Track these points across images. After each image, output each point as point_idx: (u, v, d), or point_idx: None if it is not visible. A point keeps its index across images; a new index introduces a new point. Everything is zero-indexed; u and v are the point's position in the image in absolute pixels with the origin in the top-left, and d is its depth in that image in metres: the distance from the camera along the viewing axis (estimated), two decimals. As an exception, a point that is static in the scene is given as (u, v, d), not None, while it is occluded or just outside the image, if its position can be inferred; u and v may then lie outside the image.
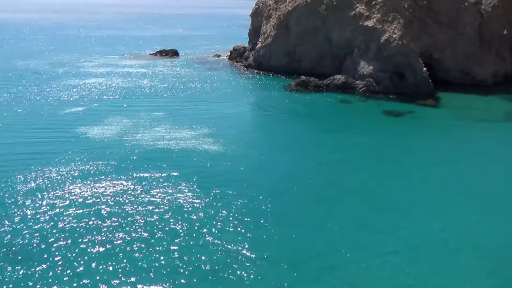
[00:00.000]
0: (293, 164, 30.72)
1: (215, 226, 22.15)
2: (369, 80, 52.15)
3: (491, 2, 58.37)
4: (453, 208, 24.66)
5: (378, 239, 21.33)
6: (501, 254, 20.33)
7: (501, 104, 48.19)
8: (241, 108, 46.87)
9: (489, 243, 21.15)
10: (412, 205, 24.93)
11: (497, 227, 22.79)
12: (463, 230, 22.38)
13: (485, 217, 23.76)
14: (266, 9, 70.17)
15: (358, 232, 21.89)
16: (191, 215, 23.19)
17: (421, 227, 22.55)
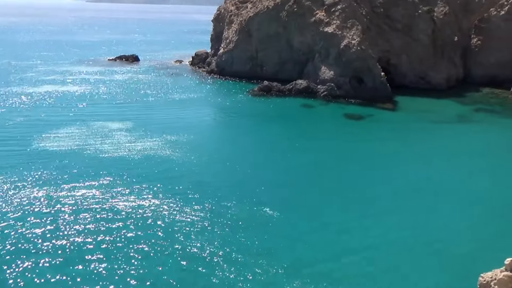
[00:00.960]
0: (258, 169, 30.67)
1: (179, 232, 21.66)
2: (330, 85, 53.19)
3: (443, 10, 61.30)
4: (412, 206, 25.44)
5: (341, 238, 21.64)
6: (453, 250, 21.14)
7: (455, 107, 50.50)
8: (204, 114, 46.46)
9: (443, 240, 21.94)
10: (374, 205, 25.49)
11: (451, 223, 23.69)
12: (420, 227, 23.11)
13: (441, 215, 24.64)
14: (228, 15, 70.21)
15: (322, 231, 22.11)
16: (155, 221, 22.58)
17: (382, 225, 23.09)
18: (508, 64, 58.25)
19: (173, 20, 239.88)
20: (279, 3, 60.97)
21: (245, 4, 68.59)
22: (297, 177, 29.53)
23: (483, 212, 25.09)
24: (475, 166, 32.84)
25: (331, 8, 56.75)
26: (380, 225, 23.22)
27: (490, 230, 23.08)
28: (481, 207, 25.71)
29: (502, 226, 23.48)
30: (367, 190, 27.64)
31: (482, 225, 23.54)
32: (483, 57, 61.74)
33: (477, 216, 24.62)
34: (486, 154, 35.68)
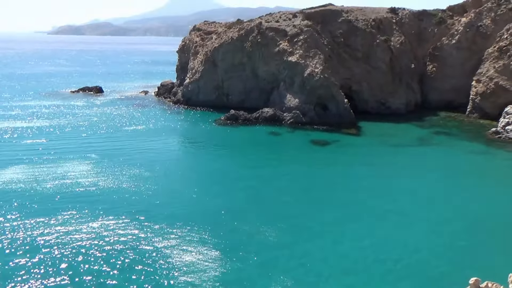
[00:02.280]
0: (225, 197, 30.35)
1: (143, 263, 20.87)
2: (296, 112, 54.15)
3: (399, 39, 64.54)
4: (378, 229, 25.75)
5: (308, 263, 21.49)
6: (419, 270, 21.43)
7: (414, 130, 52.44)
8: (171, 144, 45.90)
9: (409, 261, 22.24)
10: (341, 229, 25.62)
11: (416, 244, 24.10)
12: (388, 249, 23.35)
13: (407, 236, 25.04)
14: (193, 46, 70.95)
15: (289, 258, 21.90)
16: (117, 252, 21.68)
17: (349, 248, 23.17)
18: (462, 89, 61.52)
19: (137, 51, 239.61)
20: (243, 34, 62.33)
21: (210, 35, 69.69)
22: (265, 205, 29.36)
23: (448, 232, 25.70)
24: (437, 188, 33.89)
25: (294, 38, 58.55)
26: (348, 249, 23.28)
27: (455, 250, 23.59)
28: (446, 227, 26.35)
29: (466, 245, 24.08)
30: (335, 213, 27.82)
31: (448, 246, 24.05)
32: (438, 83, 64.99)
33: (442, 236, 25.17)
34: (447, 175, 36.96)
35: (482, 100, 57.13)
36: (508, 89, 54.37)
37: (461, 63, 62.89)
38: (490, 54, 57.74)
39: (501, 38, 57.16)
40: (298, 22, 61.32)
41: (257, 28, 61.55)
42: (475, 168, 39.13)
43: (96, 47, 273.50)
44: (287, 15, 65.79)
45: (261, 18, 66.99)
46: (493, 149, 44.32)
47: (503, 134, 47.83)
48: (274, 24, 62.26)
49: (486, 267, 20.77)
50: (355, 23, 63.68)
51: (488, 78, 56.60)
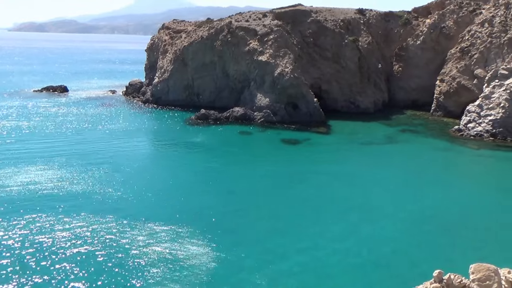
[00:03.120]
0: (198, 196, 30.11)
1: (117, 265, 20.41)
2: (266, 111, 54.36)
3: (366, 39, 65.90)
4: (345, 222, 26.22)
5: (279, 260, 21.64)
6: (386, 264, 22.01)
7: (382, 129, 53.73)
8: (140, 145, 45.10)
9: (377, 255, 22.79)
10: (312, 224, 25.93)
11: (384, 238, 24.71)
12: (354, 243, 23.83)
13: (374, 230, 25.62)
14: (162, 44, 69.95)
15: (264, 256, 21.97)
16: (87, 255, 21.11)
17: (318, 242, 23.49)
18: (426, 88, 63.49)
19: (103, 49, 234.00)
20: (213, 33, 61.99)
21: (179, 34, 68.90)
22: (237, 203, 29.32)
23: (413, 226, 26.46)
24: (404, 183, 34.84)
25: (264, 38, 58.72)
26: (317, 243, 23.58)
27: (420, 243, 24.31)
28: (411, 221, 27.12)
29: (430, 239, 24.87)
30: (306, 210, 28.11)
31: (413, 239, 24.76)
32: (404, 82, 66.82)
33: (407, 230, 25.89)
34: (413, 171, 38.05)
35: (446, 99, 59.20)
36: (469, 89, 56.55)
37: (425, 63, 64.89)
38: (452, 55, 59.87)
39: (462, 39, 59.36)
40: (268, 22, 61.56)
41: (227, 27, 61.37)
42: (440, 164, 40.50)
43: (60, 45, 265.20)
44: (257, 14, 65.93)
45: (231, 17, 66.83)
46: (456, 146, 45.99)
47: (465, 132, 49.72)
48: (244, 23, 62.25)
49: (449, 259, 21.54)
50: (324, 24, 64.55)
51: (451, 77, 58.68)
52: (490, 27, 56.08)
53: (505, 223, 27.09)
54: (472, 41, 57.94)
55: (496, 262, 8.97)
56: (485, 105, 49.71)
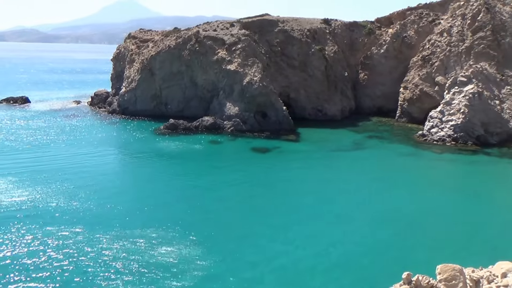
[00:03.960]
0: (166, 207, 29.60)
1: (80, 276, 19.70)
2: (236, 120, 54.39)
3: (332, 48, 67.38)
4: (316, 228, 26.48)
5: (250, 268, 21.55)
6: (358, 267, 22.35)
7: (349, 135, 54.85)
8: (107, 156, 43.96)
9: (349, 258, 23.12)
10: (283, 231, 26.01)
11: (354, 242, 25.10)
12: (321, 245, 24.09)
13: (341, 233, 25.99)
14: (128, 54, 68.93)
15: (234, 264, 21.81)
16: (56, 269, 20.27)
17: (289, 249, 23.58)
18: (391, 95, 65.43)
19: (67, 59, 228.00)
20: (180, 43, 61.68)
21: (146, 43, 68.14)
22: (208, 214, 29.01)
23: (382, 230, 27.01)
24: (371, 188, 35.55)
25: (232, 47, 58.95)
26: (288, 249, 23.65)
27: (389, 247, 24.82)
28: (379, 225, 27.69)
29: (399, 242, 25.45)
30: (275, 218, 28.17)
31: (382, 243, 25.25)
32: (370, 90, 68.63)
33: (376, 234, 26.39)
34: (380, 176, 38.96)
35: (409, 106, 61.20)
36: (431, 95, 58.74)
37: (389, 71, 66.94)
38: (414, 63, 62.10)
39: (423, 48, 61.73)
40: (235, 31, 61.89)
41: (195, 36, 61.24)
42: (405, 168, 41.68)
43: (21, 54, 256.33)
44: (225, 24, 66.18)
45: (198, 26, 66.77)
46: (420, 151, 47.51)
47: (428, 137, 51.48)
48: (212, 33, 62.32)
49: (417, 261, 22.07)
50: (291, 33, 65.52)
51: (413, 85, 60.78)
52: (449, 37, 58.64)
53: (467, 223, 28.12)
54: (432, 49, 60.35)
55: (461, 261, 9.27)
56: (446, 111, 51.72)
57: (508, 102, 51.63)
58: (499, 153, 46.14)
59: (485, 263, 9.35)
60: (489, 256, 13.65)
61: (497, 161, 43.91)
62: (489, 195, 33.98)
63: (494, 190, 35.49)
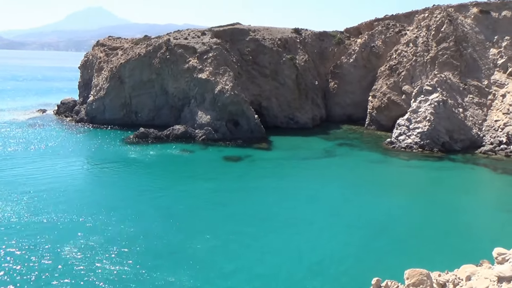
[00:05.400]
0: (137, 219, 28.87)
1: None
2: (207, 129, 54.06)
3: (303, 57, 68.31)
4: (288, 236, 26.51)
5: (221, 279, 21.29)
6: (331, 273, 22.50)
7: (320, 143, 55.52)
8: (75, 167, 42.62)
9: (321, 265, 23.23)
10: (256, 240, 25.89)
11: (320, 246, 25.27)
12: (293, 253, 24.13)
13: (312, 240, 26.13)
14: (97, 62, 67.57)
15: (205, 275, 21.47)
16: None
17: (262, 257, 23.48)
18: (360, 104, 66.85)
19: (32, 66, 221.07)
20: (151, 50, 61.01)
21: (115, 51, 67.02)
22: (180, 224, 28.52)
23: (352, 237, 27.31)
24: (342, 195, 36.02)
25: (203, 55, 58.79)
26: (261, 257, 23.53)
27: (358, 253, 25.10)
28: (350, 232, 27.99)
29: (368, 247, 25.79)
30: (246, 227, 28.00)
31: (352, 249, 25.51)
32: (340, 98, 69.87)
33: (346, 240, 26.65)
34: (350, 183, 39.56)
35: (378, 114, 62.68)
36: (398, 103, 60.38)
37: (358, 80, 68.44)
38: (382, 72, 63.78)
39: (391, 57, 63.53)
40: (207, 40, 61.79)
41: (166, 44, 60.73)
42: (374, 175, 42.49)
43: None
44: (196, 32, 65.99)
45: (169, 34, 66.28)
46: (389, 158, 48.60)
47: (396, 144, 52.78)
48: (183, 41, 61.97)
49: (386, 266, 22.40)
50: (262, 42, 66.03)
51: (382, 93, 62.34)
52: (414, 47, 60.64)
53: (434, 228, 28.84)
54: (399, 59, 62.20)
55: (428, 266, 9.44)
56: (413, 118, 53.25)
57: (470, 110, 53.75)
58: (463, 159, 47.81)
59: (451, 266, 9.55)
60: (455, 260, 14.00)
61: (462, 167, 45.46)
62: (454, 200, 35.05)
63: (459, 196, 36.66)
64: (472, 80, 55.67)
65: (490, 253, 8.92)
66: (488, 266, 8.57)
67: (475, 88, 55.09)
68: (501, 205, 33.84)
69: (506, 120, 51.78)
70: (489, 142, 51.18)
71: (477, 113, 53.72)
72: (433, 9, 62.13)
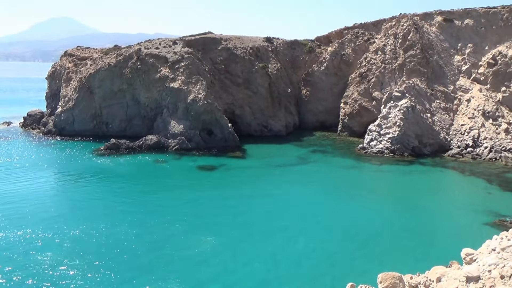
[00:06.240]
0: (109, 232, 28.13)
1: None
2: (181, 138, 53.53)
3: (275, 66, 68.90)
4: (265, 244, 26.44)
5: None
6: (306, 277, 22.55)
7: (294, 150, 55.93)
8: (44, 181, 41.18)
9: (289, 269, 23.26)
10: (231, 249, 25.68)
11: (295, 253, 25.33)
12: (270, 261, 24.09)
13: (289, 247, 26.17)
14: (65, 72, 66.00)
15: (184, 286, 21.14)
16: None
17: (240, 267, 23.30)
18: (332, 111, 67.86)
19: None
20: (121, 60, 60.12)
21: (84, 61, 65.68)
22: (154, 235, 27.96)
23: (327, 242, 27.49)
24: (317, 201, 36.27)
25: (175, 65, 58.39)
26: (238, 267, 23.34)
27: (334, 258, 25.27)
28: (322, 237, 28.18)
29: (343, 252, 26.01)
30: (224, 235, 27.76)
31: (327, 255, 25.65)
32: (312, 105, 70.73)
33: (320, 246, 26.80)
34: (324, 189, 39.95)
35: (350, 120, 63.79)
36: (369, 110, 61.66)
37: (330, 87, 69.53)
38: (353, 79, 65.08)
39: (360, 65, 64.95)
40: (178, 49, 61.45)
41: (136, 54, 60.00)
42: (347, 180, 43.09)
43: None
44: (167, 42, 65.54)
45: (140, 44, 65.53)
46: (361, 163, 49.42)
47: (368, 149, 53.77)
48: (154, 50, 61.39)
49: (360, 271, 22.63)
50: (234, 51, 66.21)
51: (353, 100, 63.54)
52: (383, 55, 62.23)
53: (405, 231, 29.42)
54: (368, 67, 63.65)
55: (400, 269, 9.56)
56: (384, 124, 54.47)
57: (438, 115, 55.46)
58: (432, 163, 49.16)
59: (423, 268, 9.71)
60: (426, 262, 14.26)
61: (431, 170, 46.72)
62: (425, 203, 35.90)
63: (429, 198, 37.59)
64: (439, 86, 57.56)
65: (459, 254, 9.13)
66: (457, 266, 8.75)
67: (441, 93, 56.96)
68: (469, 206, 34.91)
69: (471, 124, 53.71)
70: (456, 145, 52.89)
71: (444, 117, 55.48)
72: (400, 17, 64.08)
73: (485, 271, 7.65)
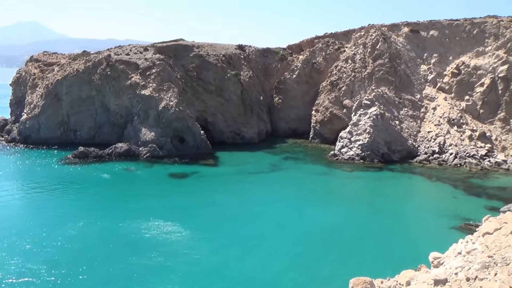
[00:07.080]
0: (77, 243, 27.22)
1: None
2: (152, 146, 52.70)
3: (247, 73, 69.14)
4: (233, 252, 26.29)
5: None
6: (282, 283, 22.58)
7: (267, 157, 56.08)
8: (7, 191, 39.49)
9: (261, 276, 23.22)
10: (203, 257, 25.38)
11: (268, 260, 25.33)
12: (243, 268, 23.97)
13: (261, 254, 26.11)
14: (31, 78, 63.95)
15: None
16: None
17: (211, 273, 23.04)
18: (304, 118, 68.63)
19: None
20: (90, 66, 58.81)
21: (51, 67, 63.88)
22: (123, 246, 27.26)
23: (297, 247, 27.60)
24: (289, 208, 36.41)
25: (146, 71, 57.63)
26: (210, 273, 23.06)
27: (306, 263, 25.37)
28: (295, 243, 28.28)
29: (314, 258, 26.16)
30: (198, 244, 27.42)
31: (298, 260, 25.74)
32: (284, 113, 71.32)
33: (292, 252, 26.88)
34: (296, 196, 40.15)
35: (321, 127, 64.65)
36: (340, 117, 62.72)
37: (301, 95, 70.34)
38: (324, 87, 66.11)
39: (331, 73, 66.11)
40: (150, 56, 60.73)
41: (106, 60, 58.85)
42: (319, 187, 43.52)
43: None
44: (138, 48, 64.68)
45: (110, 50, 64.36)
46: (333, 169, 50.08)
47: (339, 156, 54.59)
48: (124, 57, 60.42)
49: (332, 276, 22.77)
50: (206, 58, 66.03)
51: (324, 108, 64.49)
52: (353, 63, 63.61)
53: (375, 236, 29.94)
54: (339, 75, 64.87)
55: (371, 273, 9.67)
56: (354, 131, 55.50)
57: (406, 123, 57.03)
58: (401, 169, 50.39)
59: (393, 273, 9.86)
60: (396, 266, 14.51)
61: (400, 176, 47.87)
62: (394, 208, 36.70)
63: (398, 203, 38.47)
64: (406, 94, 59.27)
65: (427, 258, 9.32)
66: (425, 270, 8.94)
67: (409, 101, 58.66)
68: (436, 211, 35.91)
69: (437, 131, 55.51)
70: (423, 152, 54.47)
71: (412, 125, 57.10)
72: (369, 28, 65.77)
73: (452, 274, 7.84)
